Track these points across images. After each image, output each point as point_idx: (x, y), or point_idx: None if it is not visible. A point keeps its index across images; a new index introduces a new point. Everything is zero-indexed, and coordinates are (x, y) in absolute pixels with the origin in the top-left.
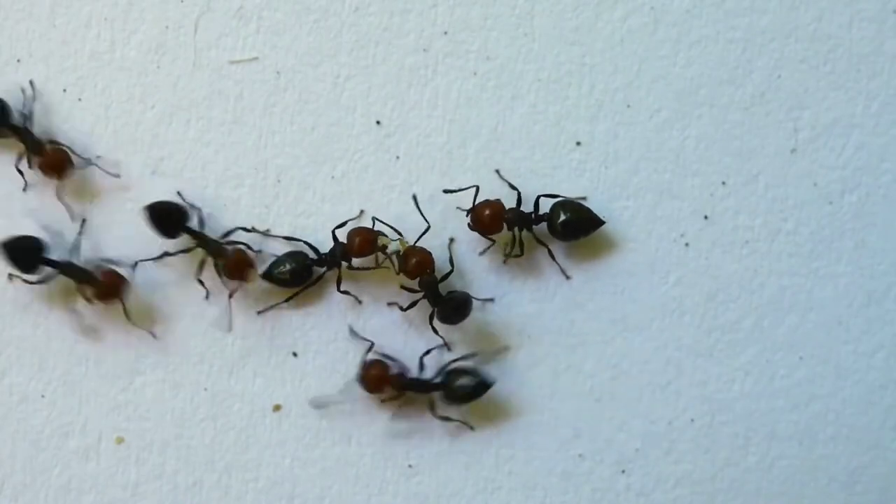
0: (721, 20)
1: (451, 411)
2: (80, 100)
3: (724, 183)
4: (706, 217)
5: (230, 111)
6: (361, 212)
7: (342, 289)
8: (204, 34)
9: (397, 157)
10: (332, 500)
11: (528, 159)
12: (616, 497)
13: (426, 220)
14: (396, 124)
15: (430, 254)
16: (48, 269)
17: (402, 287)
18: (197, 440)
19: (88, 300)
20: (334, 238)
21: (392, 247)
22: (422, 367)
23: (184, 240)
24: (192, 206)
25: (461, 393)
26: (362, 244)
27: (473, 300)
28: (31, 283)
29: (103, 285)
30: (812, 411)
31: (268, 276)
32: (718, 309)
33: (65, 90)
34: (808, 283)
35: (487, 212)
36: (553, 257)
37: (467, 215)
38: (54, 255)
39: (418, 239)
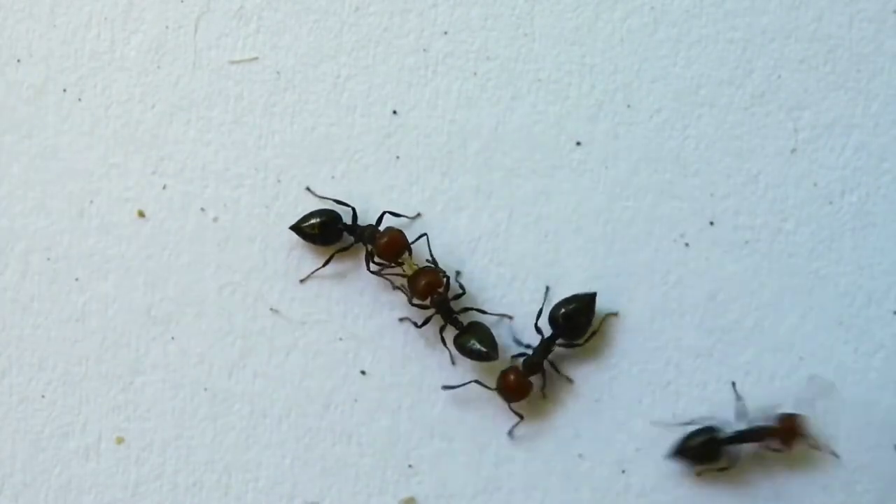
0: (721, 20)
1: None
2: (79, 100)
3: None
4: (706, 217)
5: (230, 111)
6: (418, 214)
7: (371, 269)
8: (204, 34)
9: (397, 157)
10: (332, 500)
11: (528, 159)
12: (616, 497)
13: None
14: (396, 124)
15: (438, 274)
16: None
17: (413, 304)
18: (197, 440)
19: None
20: (379, 220)
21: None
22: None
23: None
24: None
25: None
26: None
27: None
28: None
29: None
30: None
31: (296, 228)
32: (718, 309)
33: (65, 90)
34: (808, 283)
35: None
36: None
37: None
38: None
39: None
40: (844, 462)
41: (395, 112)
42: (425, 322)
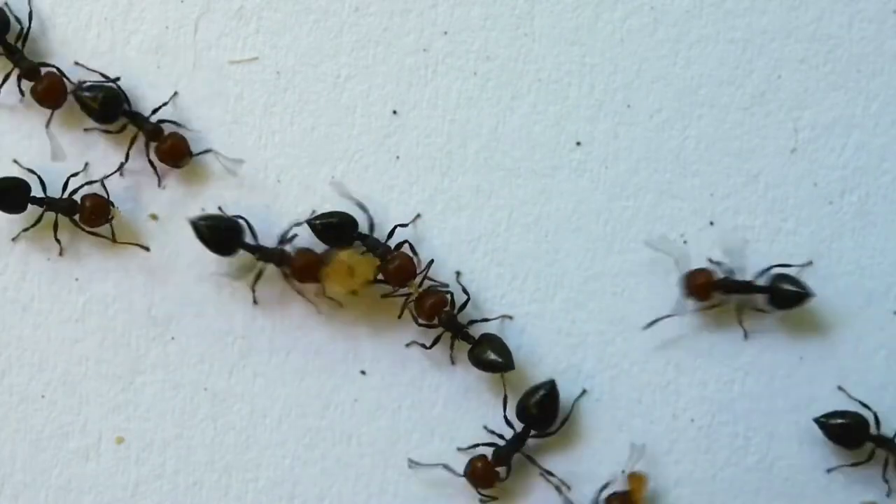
0: (721, 20)
1: None
2: None
3: (727, 178)
4: (706, 217)
5: (230, 111)
6: (418, 215)
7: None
8: (204, 34)
9: (397, 157)
10: (332, 500)
11: (528, 159)
12: None
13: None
14: (396, 124)
15: (442, 294)
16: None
17: (420, 324)
18: (197, 440)
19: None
20: (390, 234)
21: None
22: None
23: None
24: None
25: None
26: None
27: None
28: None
29: None
30: (812, 411)
31: (309, 223)
32: (718, 308)
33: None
34: (808, 283)
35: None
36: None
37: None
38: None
39: (425, 270)
40: (843, 462)
41: (395, 112)
42: (434, 342)
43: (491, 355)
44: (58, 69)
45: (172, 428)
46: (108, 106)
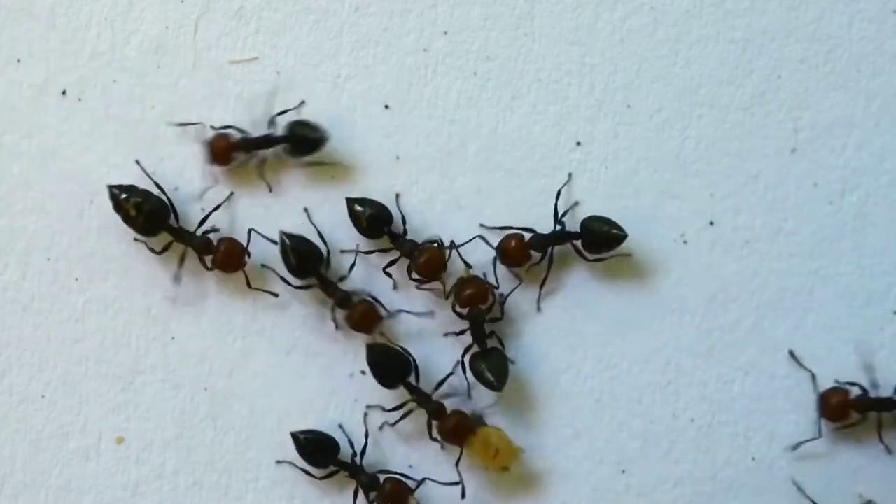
0: (721, 20)
1: None
2: (80, 100)
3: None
4: (706, 217)
5: (230, 111)
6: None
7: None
8: (204, 34)
9: (397, 157)
10: (333, 499)
11: (528, 159)
12: (616, 497)
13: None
14: (396, 124)
15: (488, 290)
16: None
17: (455, 311)
18: (197, 440)
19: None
20: (393, 238)
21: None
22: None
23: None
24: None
25: None
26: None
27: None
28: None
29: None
30: (812, 411)
31: (350, 202)
32: (718, 309)
33: (64, 90)
34: (808, 283)
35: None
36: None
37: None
38: None
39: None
40: (843, 462)
41: (394, 112)
42: (461, 332)
43: (486, 372)
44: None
45: (172, 428)
46: (152, 218)
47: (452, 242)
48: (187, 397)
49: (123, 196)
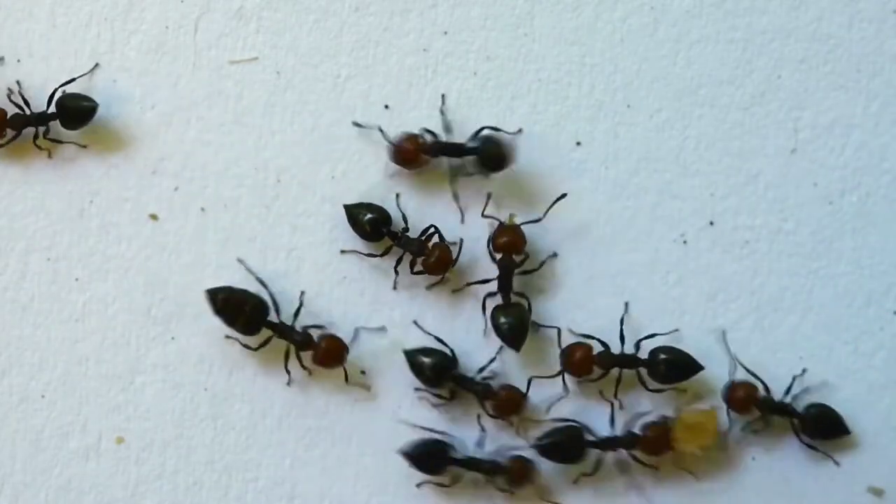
0: (721, 20)
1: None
2: None
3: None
4: (706, 217)
5: (230, 111)
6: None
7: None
8: (204, 34)
9: None
10: (332, 500)
11: (528, 159)
12: (616, 497)
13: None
14: (396, 124)
15: (523, 238)
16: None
17: (491, 255)
18: (197, 440)
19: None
20: (395, 239)
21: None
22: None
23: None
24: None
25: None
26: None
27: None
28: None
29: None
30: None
31: (349, 209)
32: (718, 309)
33: (64, 91)
34: (808, 283)
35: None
36: None
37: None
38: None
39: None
40: (843, 462)
41: (394, 112)
42: (484, 281)
43: (506, 325)
44: None
45: (172, 428)
46: (253, 318)
47: (461, 240)
48: (187, 397)
49: (221, 297)
